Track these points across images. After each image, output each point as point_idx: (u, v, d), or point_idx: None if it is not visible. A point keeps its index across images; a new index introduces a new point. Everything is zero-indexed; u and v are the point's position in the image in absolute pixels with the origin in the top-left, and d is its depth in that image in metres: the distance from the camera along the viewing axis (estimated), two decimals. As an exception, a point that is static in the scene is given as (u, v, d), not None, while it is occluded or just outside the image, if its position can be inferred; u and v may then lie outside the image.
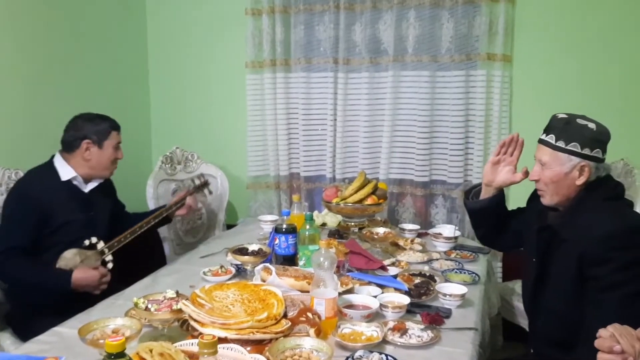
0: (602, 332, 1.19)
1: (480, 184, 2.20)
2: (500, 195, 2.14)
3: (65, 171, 2.30)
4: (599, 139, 1.72)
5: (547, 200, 1.81)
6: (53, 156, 2.35)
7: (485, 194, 2.15)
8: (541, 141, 1.80)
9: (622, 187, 1.82)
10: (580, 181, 1.73)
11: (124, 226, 2.54)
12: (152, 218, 2.50)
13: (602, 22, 2.85)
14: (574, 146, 1.71)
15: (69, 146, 2.31)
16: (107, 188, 2.50)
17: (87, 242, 2.24)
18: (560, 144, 1.72)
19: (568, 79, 2.93)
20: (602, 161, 1.74)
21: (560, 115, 1.78)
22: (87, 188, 2.36)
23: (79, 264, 2.19)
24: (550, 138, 1.75)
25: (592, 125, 1.72)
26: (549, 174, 1.76)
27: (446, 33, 2.99)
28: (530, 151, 2.95)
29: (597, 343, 1.19)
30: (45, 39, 2.77)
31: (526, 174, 2.07)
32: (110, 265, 2.27)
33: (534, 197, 1.96)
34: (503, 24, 2.89)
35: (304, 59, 3.21)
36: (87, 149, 2.30)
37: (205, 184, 2.92)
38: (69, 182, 2.30)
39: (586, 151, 1.71)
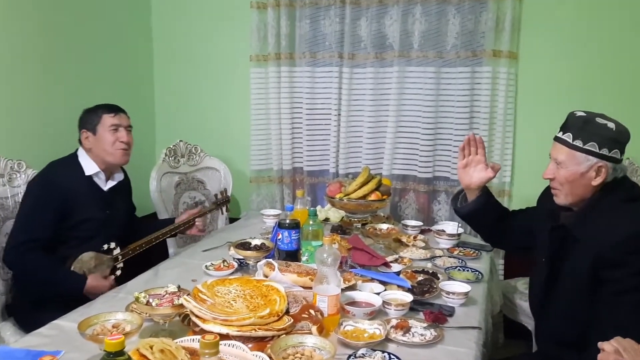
0: (605, 346, 1.17)
1: (462, 189, 2.21)
2: (485, 195, 2.14)
3: (89, 166, 2.31)
4: (618, 139, 1.69)
5: (561, 199, 1.78)
6: (77, 150, 2.35)
7: (471, 196, 2.15)
8: (557, 139, 1.76)
9: (639, 188, 1.78)
10: (596, 182, 1.69)
11: (131, 229, 2.56)
12: (169, 231, 2.51)
13: (609, 19, 2.82)
14: (592, 146, 1.67)
15: (79, 142, 2.34)
16: (124, 188, 2.51)
17: (105, 247, 2.24)
18: (578, 143, 1.68)
19: (574, 77, 2.91)
20: (619, 162, 1.70)
21: (579, 114, 1.73)
22: (107, 186, 2.36)
23: (93, 268, 2.20)
24: (568, 136, 1.71)
25: (611, 125, 1.69)
26: (564, 173, 1.73)
27: (452, 29, 2.97)
28: (535, 147, 2.97)
29: (600, 358, 1.17)
30: (49, 31, 2.75)
31: (495, 168, 2.12)
32: (118, 272, 2.28)
33: (546, 196, 1.94)
34: (510, 21, 2.86)
35: (308, 53, 3.19)
36: (85, 138, 2.31)
37: (226, 201, 2.93)
38: (90, 178, 2.31)
39: (604, 151, 1.67)
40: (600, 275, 1.63)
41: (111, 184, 2.38)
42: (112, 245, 2.26)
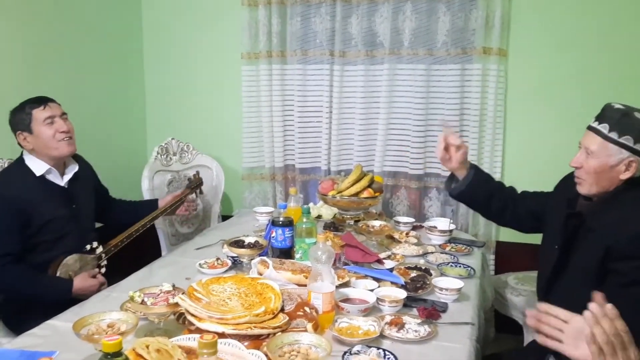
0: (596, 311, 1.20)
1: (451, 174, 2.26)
2: (473, 168, 2.17)
3: (37, 166, 2.18)
4: None
5: (584, 189, 1.76)
6: (22, 153, 2.23)
7: (460, 174, 2.18)
8: (592, 129, 1.73)
9: None
10: (624, 176, 1.68)
11: (110, 212, 2.55)
12: (148, 221, 2.49)
13: (599, 17, 2.84)
14: (627, 139, 1.65)
15: (19, 144, 2.22)
16: (86, 176, 2.39)
17: (88, 247, 2.22)
18: (613, 135, 1.66)
19: (564, 74, 2.92)
20: None
21: (617, 106, 1.71)
22: (64, 181, 2.26)
23: (78, 270, 2.17)
24: (604, 127, 1.68)
25: None
26: (593, 163, 1.70)
27: (442, 26, 2.97)
28: (525, 144, 2.99)
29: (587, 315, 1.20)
30: (38, 28, 2.72)
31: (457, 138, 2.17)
32: (103, 270, 2.26)
33: (564, 184, 1.94)
34: (499, 18, 2.87)
35: (300, 51, 3.19)
36: (24, 139, 2.18)
37: (199, 185, 2.88)
38: (43, 177, 2.19)
39: (638, 146, 1.65)
40: (609, 266, 1.63)
41: (67, 177, 2.27)
42: (95, 244, 2.24)
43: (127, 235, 2.38)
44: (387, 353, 1.46)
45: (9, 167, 2.25)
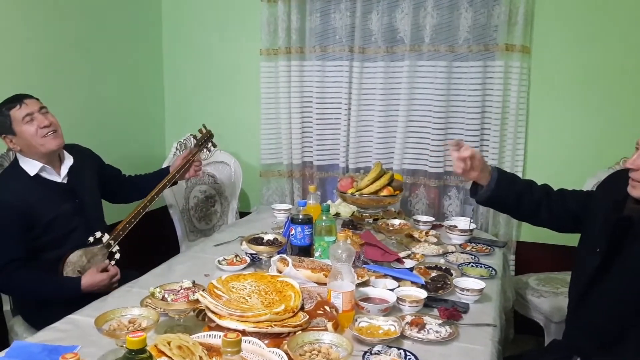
0: None
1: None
2: (496, 170, 1.99)
3: (30, 166, 2.12)
4: None
5: (639, 192, 1.63)
6: (15, 155, 2.18)
7: (484, 181, 1.99)
8: None
9: None
10: None
11: (124, 192, 2.52)
12: (155, 194, 2.40)
13: (623, 13, 2.78)
14: None
15: (10, 148, 2.18)
16: (84, 166, 2.31)
17: (91, 239, 2.16)
18: None
19: (587, 71, 2.88)
20: None
21: None
22: (61, 177, 2.19)
23: (87, 264, 2.13)
24: None
25: None
26: None
27: (464, 23, 2.94)
28: (548, 142, 2.95)
29: None
30: (57, 23, 2.74)
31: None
32: (117, 256, 2.23)
33: (609, 185, 1.85)
34: (522, 14, 2.83)
35: (319, 47, 3.17)
36: (10, 142, 2.11)
37: (209, 138, 2.71)
38: (40, 176, 2.13)
39: None
40: None
41: (64, 171, 2.19)
42: (98, 234, 2.18)
43: (135, 214, 2.30)
44: (407, 354, 1.44)
45: (4, 170, 2.19)
